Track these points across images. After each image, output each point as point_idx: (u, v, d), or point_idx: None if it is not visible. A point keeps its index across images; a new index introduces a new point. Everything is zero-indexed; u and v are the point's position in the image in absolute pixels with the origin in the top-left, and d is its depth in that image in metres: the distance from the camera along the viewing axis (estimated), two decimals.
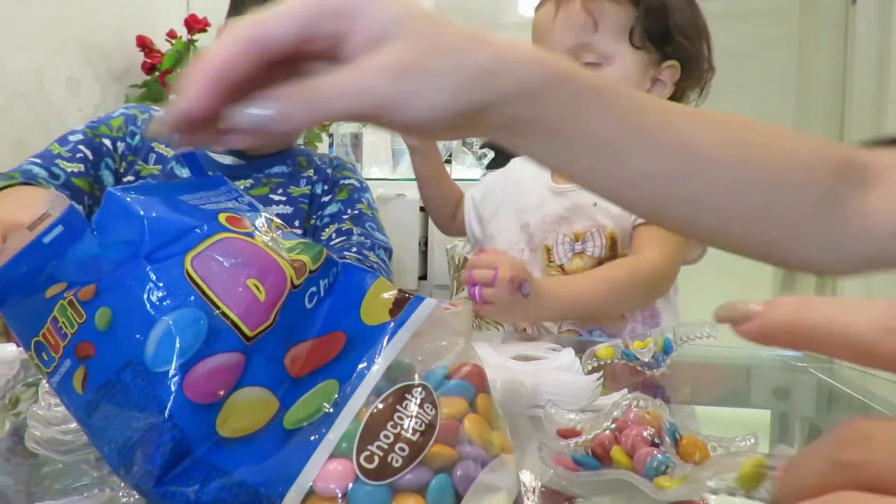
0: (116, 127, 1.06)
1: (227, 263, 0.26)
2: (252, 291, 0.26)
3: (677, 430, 0.36)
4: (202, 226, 0.27)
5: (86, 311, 0.25)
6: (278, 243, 0.30)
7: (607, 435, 0.37)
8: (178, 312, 0.25)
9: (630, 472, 0.35)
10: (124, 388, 0.24)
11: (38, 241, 0.26)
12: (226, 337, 0.25)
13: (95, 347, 0.25)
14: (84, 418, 0.25)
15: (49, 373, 0.25)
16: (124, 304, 0.25)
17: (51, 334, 0.25)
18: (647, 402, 0.39)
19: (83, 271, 0.26)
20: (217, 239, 0.27)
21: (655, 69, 0.91)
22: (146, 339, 0.24)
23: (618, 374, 0.62)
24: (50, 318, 0.26)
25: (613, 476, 0.36)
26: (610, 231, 0.90)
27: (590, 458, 0.36)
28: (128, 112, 1.09)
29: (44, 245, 0.26)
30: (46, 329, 0.25)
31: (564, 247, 0.92)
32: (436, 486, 0.23)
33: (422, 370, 0.27)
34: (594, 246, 0.90)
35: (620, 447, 0.36)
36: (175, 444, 0.23)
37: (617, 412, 0.38)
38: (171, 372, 0.24)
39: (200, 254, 0.26)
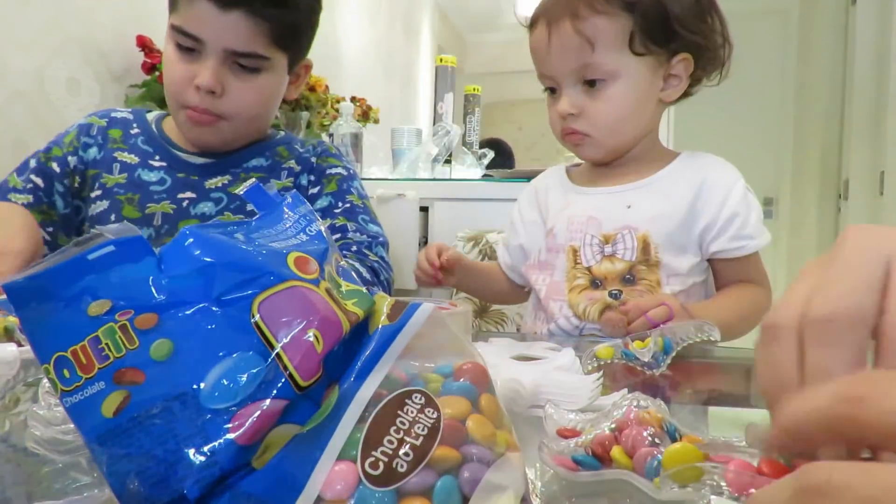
0: (68, 142, 1.03)
1: (293, 313, 0.27)
2: (312, 343, 0.26)
3: (677, 430, 0.37)
4: (272, 271, 0.28)
5: (140, 339, 0.25)
6: (339, 288, 0.31)
7: (607, 435, 0.37)
8: (240, 355, 0.25)
9: (630, 472, 0.35)
10: (170, 418, 0.24)
11: (83, 256, 0.26)
12: (280, 385, 0.25)
13: (146, 375, 0.25)
14: (101, 442, 0.24)
15: (67, 391, 0.25)
16: (187, 339, 0.26)
17: (85, 353, 0.25)
18: (646, 402, 0.39)
19: (131, 293, 0.26)
20: (285, 287, 0.27)
21: (666, 67, 0.87)
22: (204, 375, 0.25)
23: (618, 374, 0.62)
24: (90, 338, 0.25)
25: (613, 476, 0.36)
26: (642, 234, 0.87)
27: (590, 458, 0.36)
28: (83, 122, 1.06)
29: (87, 261, 0.26)
30: (80, 347, 0.25)
31: (593, 248, 0.89)
32: (441, 488, 0.23)
33: (423, 371, 0.27)
34: (625, 248, 0.87)
35: (621, 447, 0.36)
36: (212, 479, 0.24)
37: (617, 412, 0.38)
38: (223, 411, 0.24)
39: (268, 300, 0.27)
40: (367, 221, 1.06)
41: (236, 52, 0.90)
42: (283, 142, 1.10)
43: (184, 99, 0.93)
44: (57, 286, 0.26)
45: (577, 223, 0.92)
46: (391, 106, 3.05)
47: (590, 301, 0.87)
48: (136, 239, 0.27)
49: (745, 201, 0.87)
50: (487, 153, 1.90)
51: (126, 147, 1.04)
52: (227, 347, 0.25)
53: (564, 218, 0.93)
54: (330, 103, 1.94)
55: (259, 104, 0.97)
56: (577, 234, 0.91)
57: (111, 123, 1.06)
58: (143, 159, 1.02)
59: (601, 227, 0.90)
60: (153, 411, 0.24)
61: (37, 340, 0.26)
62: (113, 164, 1.02)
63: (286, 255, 0.29)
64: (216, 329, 0.26)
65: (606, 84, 0.86)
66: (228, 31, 0.88)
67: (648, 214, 0.87)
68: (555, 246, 0.94)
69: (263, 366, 0.25)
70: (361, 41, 3.05)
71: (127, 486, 0.24)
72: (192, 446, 0.24)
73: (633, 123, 0.89)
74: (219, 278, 0.27)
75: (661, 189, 0.89)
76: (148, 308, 0.26)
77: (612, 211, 0.90)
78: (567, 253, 0.91)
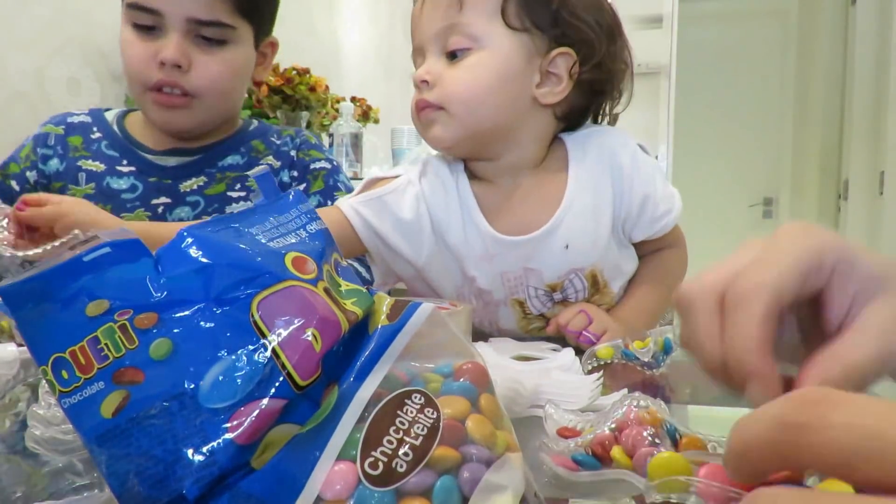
0: (24, 157, 0.98)
1: (291, 312, 0.27)
2: (310, 342, 0.26)
3: (677, 430, 0.37)
4: (270, 271, 0.28)
5: (140, 338, 0.26)
6: (338, 287, 0.31)
7: (607, 435, 0.37)
8: (239, 354, 0.25)
9: (630, 472, 0.35)
10: (169, 418, 0.24)
11: (79, 258, 0.26)
12: (278, 384, 0.25)
13: (145, 375, 0.25)
14: (100, 443, 0.24)
15: (65, 392, 0.25)
16: (186, 338, 0.26)
17: (84, 354, 0.25)
18: (646, 401, 0.39)
19: (129, 292, 0.26)
20: (283, 287, 0.27)
21: (544, 59, 0.75)
22: (203, 374, 0.25)
23: (618, 374, 0.62)
24: (89, 338, 0.25)
25: (613, 476, 0.36)
26: (589, 271, 0.79)
27: (590, 458, 0.36)
28: (38, 133, 1.00)
29: (83, 262, 0.26)
30: (79, 348, 0.25)
31: (541, 299, 0.80)
32: (441, 489, 0.23)
33: (423, 371, 0.27)
34: (576, 291, 0.80)
35: (621, 447, 0.36)
36: (211, 479, 0.24)
37: (617, 412, 0.39)
38: (221, 410, 0.24)
39: (266, 299, 0.27)
40: None
41: (199, 20, 0.86)
42: (257, 134, 1.05)
43: (147, 78, 0.88)
44: (53, 288, 0.26)
45: (512, 279, 0.80)
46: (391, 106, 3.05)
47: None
48: (133, 241, 0.27)
49: (642, 173, 0.78)
50: None
51: (89, 154, 0.98)
52: (225, 347, 0.26)
53: (495, 275, 0.79)
54: (330, 103, 1.94)
55: (228, 77, 0.93)
56: (518, 288, 0.80)
57: (69, 130, 1.00)
58: (109, 166, 0.97)
59: (542, 278, 0.79)
60: (152, 411, 0.24)
61: (34, 342, 0.26)
62: (78, 174, 0.96)
63: (284, 254, 0.29)
64: (215, 328, 0.26)
65: (469, 53, 0.73)
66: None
67: (588, 247, 0.77)
68: (492, 301, 0.82)
69: (262, 365, 0.25)
70: (361, 41, 3.05)
71: (126, 487, 0.24)
72: (190, 446, 0.24)
73: (492, 104, 0.74)
74: (217, 278, 0.27)
75: (584, 204, 0.78)
76: (147, 307, 0.26)
77: (549, 258, 0.78)
78: (511, 306, 0.82)
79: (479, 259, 0.79)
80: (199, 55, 0.89)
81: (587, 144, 0.80)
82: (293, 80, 1.78)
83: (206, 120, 0.97)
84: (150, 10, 0.85)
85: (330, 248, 0.33)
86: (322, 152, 1.07)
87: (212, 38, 0.89)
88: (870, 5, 3.06)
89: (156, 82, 0.88)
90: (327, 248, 0.33)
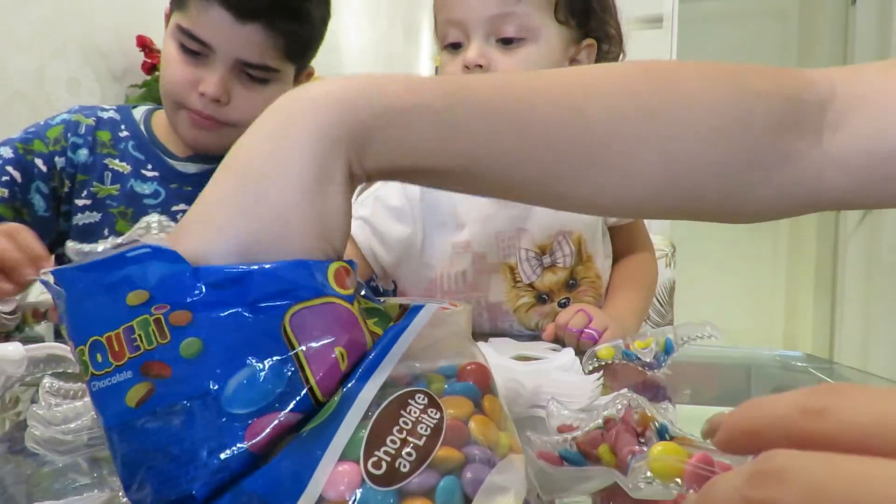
0: (53, 139, 0.95)
1: (324, 328, 0.27)
2: (337, 360, 0.26)
3: (668, 430, 0.37)
4: (309, 285, 0.28)
5: (172, 334, 0.26)
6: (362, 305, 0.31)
7: (596, 432, 0.37)
8: (265, 363, 0.25)
9: (613, 469, 0.35)
10: (189, 417, 0.24)
11: (123, 254, 0.27)
12: (300, 398, 0.25)
13: (173, 371, 0.25)
14: (119, 431, 0.25)
15: (97, 375, 0.25)
16: (217, 340, 0.26)
17: (118, 341, 0.26)
18: (637, 400, 0.39)
19: (168, 288, 0.27)
20: (321, 302, 0.27)
21: (575, 48, 0.81)
22: (228, 379, 0.25)
23: (618, 375, 0.62)
24: (125, 327, 0.26)
25: (596, 473, 0.36)
26: (576, 235, 0.83)
27: (575, 454, 0.36)
28: (69, 118, 0.97)
29: (126, 257, 0.27)
30: (115, 334, 0.26)
31: (531, 263, 0.83)
32: (444, 489, 0.23)
33: (426, 371, 0.27)
34: (563, 256, 0.83)
35: (607, 445, 0.36)
36: (222, 484, 0.24)
37: (607, 410, 0.39)
38: (241, 417, 0.24)
39: (301, 312, 0.27)
40: None
41: (248, 63, 0.87)
42: None
43: (185, 102, 0.89)
44: (100, 275, 0.26)
45: (506, 238, 0.84)
46: None
47: (541, 316, 0.85)
48: (172, 250, 0.28)
49: None
50: None
51: (117, 153, 0.98)
52: (254, 354, 0.26)
53: (489, 235, 0.84)
54: None
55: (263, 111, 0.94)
56: (511, 250, 0.83)
57: (99, 124, 0.99)
58: (135, 168, 0.97)
59: (533, 238, 0.83)
60: (175, 408, 0.25)
61: (76, 323, 0.26)
62: (104, 173, 0.96)
63: (327, 266, 0.29)
64: (246, 334, 0.26)
65: (524, 43, 0.76)
66: (243, 42, 0.85)
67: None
68: (485, 268, 0.85)
69: (287, 377, 0.25)
70: (361, 42, 3.05)
71: (136, 479, 0.24)
72: (206, 449, 0.24)
73: None
74: (255, 285, 0.27)
75: None
76: (183, 305, 0.26)
77: (539, 218, 0.83)
78: (503, 272, 0.84)
79: (475, 220, 0.84)
80: (240, 90, 0.89)
81: None
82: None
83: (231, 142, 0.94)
84: (201, 42, 0.85)
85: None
86: None
87: (256, 77, 0.89)
88: (870, 5, 3.06)
89: (192, 108, 0.89)
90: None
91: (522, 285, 0.84)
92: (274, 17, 0.84)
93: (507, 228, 0.84)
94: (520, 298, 0.85)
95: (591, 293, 0.85)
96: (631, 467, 0.32)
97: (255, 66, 0.88)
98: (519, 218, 0.83)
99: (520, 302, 0.85)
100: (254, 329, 0.26)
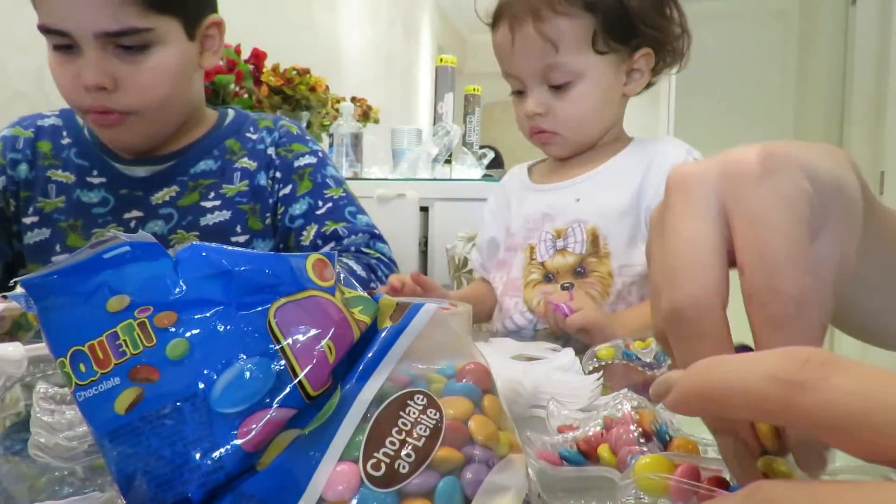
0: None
1: (309, 322, 0.27)
2: (325, 353, 0.26)
3: (668, 431, 0.36)
4: (292, 280, 0.28)
5: (158, 336, 0.26)
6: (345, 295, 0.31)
7: (596, 433, 0.37)
8: (253, 361, 0.25)
9: (612, 470, 0.35)
10: (180, 419, 0.24)
11: (98, 255, 0.26)
12: (290, 394, 0.25)
13: (161, 373, 0.25)
14: (111, 438, 0.24)
15: (81, 385, 0.25)
16: (203, 340, 0.26)
17: (102, 349, 0.25)
18: (639, 401, 0.39)
19: (149, 289, 0.26)
20: (304, 296, 0.27)
21: (628, 62, 0.89)
22: (216, 378, 0.25)
23: (618, 375, 0.62)
24: (108, 333, 0.25)
25: (596, 473, 0.36)
26: (591, 226, 0.89)
27: (576, 454, 0.36)
28: (8, 133, 0.93)
29: (103, 259, 0.26)
30: (98, 342, 0.25)
31: (546, 244, 0.91)
32: (444, 490, 0.23)
33: (425, 372, 0.27)
34: (575, 242, 0.89)
35: (608, 445, 0.36)
36: (217, 484, 0.24)
37: (608, 410, 0.39)
38: (232, 416, 0.24)
39: (285, 307, 0.27)
40: (355, 214, 0.99)
41: (109, 33, 0.77)
42: (232, 130, 0.97)
43: (78, 103, 0.82)
44: (75, 282, 0.26)
45: (532, 221, 0.94)
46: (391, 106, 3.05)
47: (542, 295, 0.89)
48: (152, 243, 0.27)
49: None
50: (487, 153, 1.90)
51: (59, 163, 0.92)
52: (241, 352, 0.25)
53: (521, 217, 0.96)
54: (330, 103, 1.94)
55: (162, 83, 0.83)
56: (534, 231, 0.93)
57: (38, 134, 0.94)
58: (79, 177, 0.91)
59: (554, 223, 0.92)
60: (164, 411, 0.24)
61: (53, 334, 0.26)
62: (48, 186, 0.90)
63: (305, 258, 0.29)
64: (231, 332, 0.26)
65: (572, 84, 0.87)
66: (89, 11, 0.75)
67: (596, 206, 0.90)
68: (513, 245, 0.96)
69: (275, 373, 0.25)
70: (361, 41, 3.05)
71: (133, 485, 0.24)
72: (199, 449, 0.24)
73: (598, 119, 0.91)
74: (238, 282, 0.27)
75: (608, 178, 0.92)
76: (167, 305, 0.26)
77: (563, 206, 0.92)
78: (525, 251, 0.93)
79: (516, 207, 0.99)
80: (122, 68, 0.80)
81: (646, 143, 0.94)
82: (293, 80, 1.78)
83: (155, 132, 0.89)
84: (57, 32, 0.78)
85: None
86: (305, 144, 1.00)
87: (131, 45, 0.79)
88: (870, 5, 3.06)
89: (87, 107, 0.82)
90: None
91: (536, 263, 0.91)
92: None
93: (534, 212, 0.94)
94: (531, 274, 0.92)
95: (599, 288, 0.87)
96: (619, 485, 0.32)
97: (119, 34, 0.77)
98: (546, 204, 0.93)
99: (530, 277, 0.92)
100: (239, 327, 0.26)
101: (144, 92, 0.82)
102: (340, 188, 1.00)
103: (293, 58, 1.91)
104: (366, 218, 1.01)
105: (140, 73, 0.81)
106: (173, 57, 0.83)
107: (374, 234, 1.00)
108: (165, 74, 0.83)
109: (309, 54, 2.30)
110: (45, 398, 0.41)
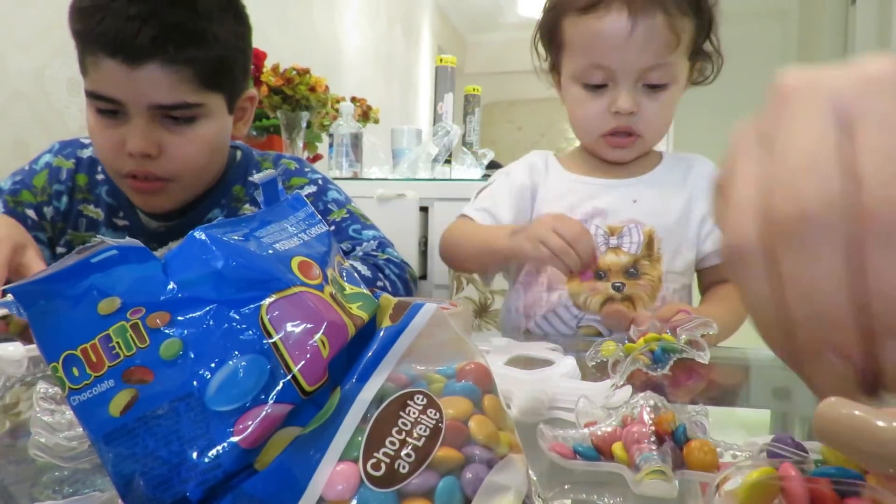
0: (40, 189, 0.92)
1: (300, 317, 0.27)
2: (318, 347, 0.26)
3: (685, 433, 0.37)
4: (281, 276, 0.28)
5: (151, 337, 0.26)
6: (342, 292, 0.31)
7: (612, 430, 0.38)
8: (247, 358, 0.25)
9: (624, 466, 0.35)
10: (175, 419, 0.24)
11: (86, 260, 0.26)
12: (285, 389, 0.25)
13: (155, 374, 0.25)
14: (107, 441, 0.24)
15: (75, 389, 0.25)
16: (196, 339, 0.26)
17: (95, 352, 0.25)
18: (656, 401, 0.39)
19: (140, 290, 0.26)
20: (293, 292, 0.28)
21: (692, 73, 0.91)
22: (210, 377, 0.25)
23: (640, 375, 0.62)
24: (101, 336, 0.25)
25: (608, 469, 0.36)
26: (648, 228, 0.88)
27: (590, 449, 0.37)
28: (52, 162, 0.94)
29: (90, 263, 0.26)
30: (91, 345, 0.25)
31: (598, 239, 0.88)
32: (444, 490, 0.23)
33: (425, 372, 0.27)
34: (631, 242, 0.88)
35: (622, 443, 0.36)
36: (216, 483, 0.24)
37: (627, 409, 0.39)
38: (228, 414, 0.24)
39: (276, 304, 0.27)
40: (360, 231, 1.00)
41: (163, 105, 0.79)
42: (238, 177, 0.99)
43: (119, 167, 0.83)
44: (63, 286, 0.26)
45: (581, 213, 0.90)
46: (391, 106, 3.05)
47: (591, 292, 0.87)
48: (139, 247, 0.27)
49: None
50: (487, 153, 1.90)
51: (92, 199, 0.94)
52: (234, 350, 0.26)
53: (566, 206, 0.91)
54: (330, 103, 1.94)
55: (203, 155, 0.86)
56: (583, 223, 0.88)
57: (78, 166, 0.95)
58: (107, 216, 0.94)
59: (606, 219, 0.90)
60: (159, 411, 0.24)
61: (45, 339, 0.26)
62: (79, 220, 0.93)
63: (290, 259, 0.29)
64: (224, 331, 0.26)
65: (667, 87, 0.85)
66: (147, 86, 0.77)
67: (653, 209, 0.89)
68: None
69: (269, 370, 0.25)
70: (361, 41, 3.05)
71: (131, 486, 0.24)
72: (195, 448, 0.24)
73: (669, 125, 0.91)
74: (228, 281, 0.27)
75: (661, 185, 0.92)
76: (159, 305, 0.26)
77: (618, 204, 0.90)
78: None
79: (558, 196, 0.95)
80: (168, 138, 0.82)
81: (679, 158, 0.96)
82: (293, 80, 1.78)
83: (188, 197, 0.92)
84: (108, 99, 0.79)
85: (333, 251, 0.33)
86: (304, 175, 1.02)
87: (180, 117, 0.82)
88: (870, 5, 3.06)
89: (128, 172, 0.83)
90: (330, 251, 0.33)
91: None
92: (168, 51, 0.76)
93: (584, 205, 0.91)
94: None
95: (649, 291, 0.87)
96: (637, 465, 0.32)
97: (172, 107, 0.80)
98: (598, 199, 0.91)
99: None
100: (231, 325, 0.26)
101: (186, 161, 0.85)
102: (343, 209, 1.01)
103: (293, 58, 1.91)
104: (372, 232, 1.01)
105: (185, 143, 0.83)
106: (214, 129, 0.87)
107: (382, 241, 1.01)
108: (207, 145, 0.86)
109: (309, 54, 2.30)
110: (45, 398, 0.41)
